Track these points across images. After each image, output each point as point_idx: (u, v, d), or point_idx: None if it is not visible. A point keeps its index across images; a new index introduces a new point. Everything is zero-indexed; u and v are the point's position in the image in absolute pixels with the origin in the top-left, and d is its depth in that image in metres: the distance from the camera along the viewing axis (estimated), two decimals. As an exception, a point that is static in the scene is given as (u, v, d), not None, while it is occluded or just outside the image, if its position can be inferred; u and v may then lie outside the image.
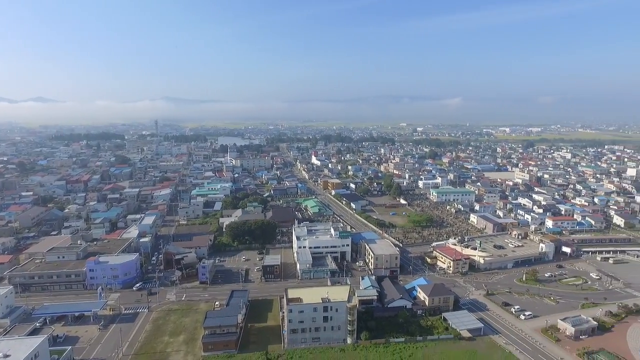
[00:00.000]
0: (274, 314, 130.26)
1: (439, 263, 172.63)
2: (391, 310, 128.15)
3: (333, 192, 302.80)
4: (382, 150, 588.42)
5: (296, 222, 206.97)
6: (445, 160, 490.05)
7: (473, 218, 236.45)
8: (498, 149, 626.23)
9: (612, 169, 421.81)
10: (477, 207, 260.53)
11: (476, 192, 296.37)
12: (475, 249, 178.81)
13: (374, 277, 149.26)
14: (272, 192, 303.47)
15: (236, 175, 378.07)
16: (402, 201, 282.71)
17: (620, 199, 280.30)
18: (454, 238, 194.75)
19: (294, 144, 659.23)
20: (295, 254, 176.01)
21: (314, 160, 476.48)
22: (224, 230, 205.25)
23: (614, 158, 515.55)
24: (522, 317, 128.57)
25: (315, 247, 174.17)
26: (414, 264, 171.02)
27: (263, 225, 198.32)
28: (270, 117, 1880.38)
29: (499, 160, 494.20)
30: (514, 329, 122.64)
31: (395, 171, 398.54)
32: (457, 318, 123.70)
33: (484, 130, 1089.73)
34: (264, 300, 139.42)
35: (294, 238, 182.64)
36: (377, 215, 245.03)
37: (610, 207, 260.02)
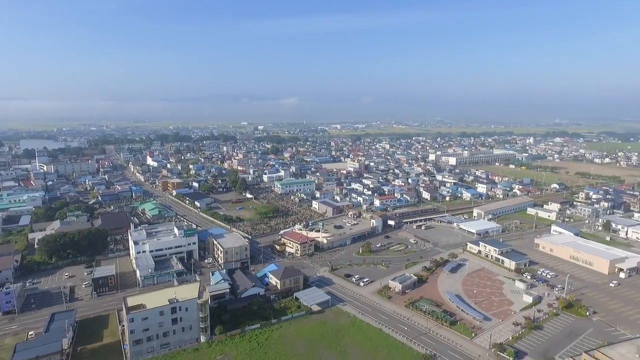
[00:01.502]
0: (111, 329, 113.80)
1: (287, 248, 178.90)
2: (245, 300, 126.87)
3: (174, 193, 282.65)
4: (225, 148, 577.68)
5: (132, 226, 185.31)
6: (286, 155, 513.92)
7: (315, 204, 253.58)
8: (332, 143, 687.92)
9: (419, 156, 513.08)
10: (317, 195, 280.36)
11: (316, 181, 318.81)
12: (318, 231, 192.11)
13: (224, 271, 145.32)
14: (99, 198, 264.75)
15: (50, 182, 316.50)
16: (249, 195, 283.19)
17: (426, 178, 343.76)
18: (300, 224, 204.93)
19: (124, 145, 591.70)
20: (133, 261, 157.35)
21: (149, 161, 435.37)
22: (35, 246, 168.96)
23: (419, 147, 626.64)
24: (361, 284, 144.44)
25: (157, 250, 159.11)
26: (264, 253, 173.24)
27: (90, 234, 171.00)
28: (91, 118, 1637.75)
29: (333, 153, 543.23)
30: (355, 295, 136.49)
31: (239, 167, 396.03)
32: (307, 295, 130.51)
33: (319, 127, 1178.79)
34: (97, 318, 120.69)
35: (131, 244, 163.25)
36: (224, 211, 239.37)
37: (420, 185, 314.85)
